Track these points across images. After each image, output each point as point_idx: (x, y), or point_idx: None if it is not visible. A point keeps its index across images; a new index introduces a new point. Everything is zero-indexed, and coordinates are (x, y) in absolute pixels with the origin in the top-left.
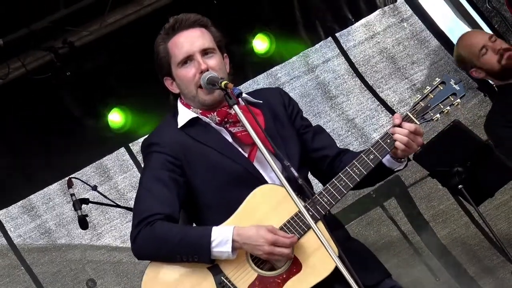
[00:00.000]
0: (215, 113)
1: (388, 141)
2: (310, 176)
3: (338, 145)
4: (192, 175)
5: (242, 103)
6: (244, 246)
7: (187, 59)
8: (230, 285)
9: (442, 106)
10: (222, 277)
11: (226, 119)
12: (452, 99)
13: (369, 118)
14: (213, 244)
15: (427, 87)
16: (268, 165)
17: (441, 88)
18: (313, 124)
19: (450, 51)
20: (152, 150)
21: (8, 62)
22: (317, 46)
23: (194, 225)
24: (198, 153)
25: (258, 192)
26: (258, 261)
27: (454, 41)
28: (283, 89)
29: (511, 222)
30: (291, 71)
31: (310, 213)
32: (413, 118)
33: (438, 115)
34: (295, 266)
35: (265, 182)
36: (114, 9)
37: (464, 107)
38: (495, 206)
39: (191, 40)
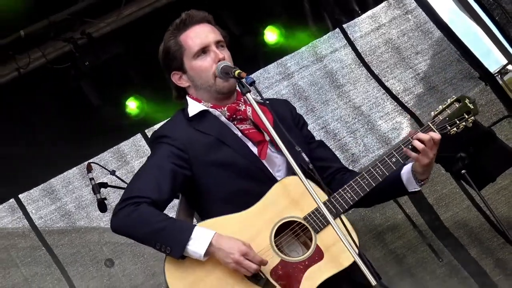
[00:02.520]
0: (225, 108)
1: (410, 146)
2: None
3: (344, 132)
4: (200, 168)
5: (254, 93)
6: (218, 251)
7: (203, 50)
8: None
9: (457, 122)
10: None
11: (234, 115)
12: (467, 117)
13: (375, 105)
14: (190, 242)
15: (444, 102)
16: (276, 163)
17: (457, 105)
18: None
19: (453, 41)
20: (161, 141)
21: (29, 53)
22: (325, 37)
23: (197, 215)
24: (208, 146)
25: (279, 185)
26: (281, 248)
27: (456, 32)
28: (293, 77)
29: (511, 206)
30: (300, 61)
31: (333, 207)
32: (433, 128)
33: (455, 129)
34: (317, 254)
35: (274, 178)
36: (130, 1)
37: (466, 95)
38: (496, 190)
39: (205, 33)
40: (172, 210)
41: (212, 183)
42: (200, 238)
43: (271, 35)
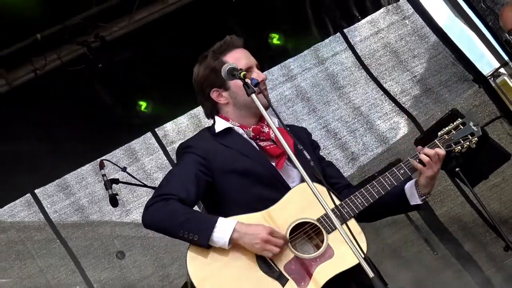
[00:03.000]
0: (250, 129)
1: (417, 160)
2: None
3: (345, 131)
4: (221, 175)
5: (275, 120)
6: (244, 236)
7: (247, 70)
8: (271, 262)
9: (462, 141)
10: None
11: (258, 136)
12: (471, 137)
13: (373, 106)
14: (215, 230)
15: (451, 124)
16: (291, 175)
17: (462, 127)
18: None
19: (448, 46)
20: (187, 151)
21: (45, 55)
22: (326, 41)
23: None
24: (229, 157)
25: (295, 190)
26: (294, 246)
27: (452, 37)
28: (296, 79)
29: (503, 202)
30: (302, 63)
31: (345, 210)
32: (439, 145)
33: (459, 147)
34: (328, 252)
35: (289, 187)
36: (141, 7)
37: (461, 97)
38: (489, 187)
39: (247, 56)
40: None
41: (231, 189)
42: (224, 226)
43: (275, 38)
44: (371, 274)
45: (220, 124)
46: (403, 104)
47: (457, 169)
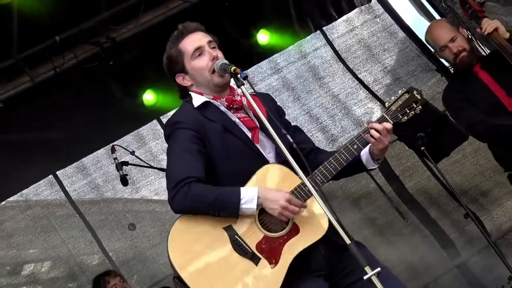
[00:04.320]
0: (223, 99)
1: (368, 135)
2: None
3: (325, 116)
4: (209, 147)
5: (247, 86)
6: (266, 202)
7: (199, 52)
8: (242, 242)
9: (408, 111)
10: (235, 236)
11: (231, 105)
12: (415, 105)
13: (350, 94)
14: (242, 202)
15: (396, 94)
16: (266, 146)
17: (407, 96)
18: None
19: (414, 41)
20: (178, 127)
21: (63, 54)
22: (308, 37)
23: None
24: (212, 130)
25: (263, 170)
26: (264, 225)
27: (417, 33)
28: (281, 72)
29: (463, 175)
30: (288, 58)
31: (318, 178)
32: (388, 118)
33: (405, 117)
34: (294, 230)
35: (265, 158)
36: (146, 11)
37: (426, 85)
38: (451, 163)
39: (198, 38)
40: None
41: (216, 159)
42: (248, 196)
43: (263, 36)
44: (348, 241)
45: (197, 99)
46: (376, 92)
47: (422, 147)
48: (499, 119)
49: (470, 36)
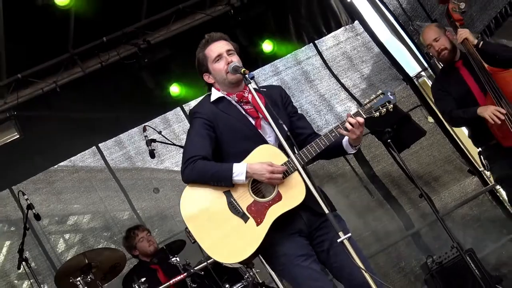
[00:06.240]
0: (235, 95)
1: (344, 126)
2: None
3: (313, 111)
4: (220, 133)
5: (253, 85)
6: (254, 175)
7: (219, 57)
8: (236, 204)
9: (381, 108)
10: (231, 198)
11: (241, 100)
12: (388, 104)
13: (333, 95)
14: (234, 175)
15: (373, 95)
16: (267, 132)
17: (381, 96)
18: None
19: (386, 55)
20: (195, 116)
21: (108, 52)
22: (303, 48)
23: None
24: (224, 119)
25: (258, 149)
26: (255, 192)
27: (390, 49)
28: (280, 74)
29: (419, 163)
30: (286, 64)
31: (303, 154)
32: (362, 113)
33: (377, 113)
34: (278, 196)
35: (266, 141)
36: (176, 21)
37: (393, 90)
38: (410, 153)
39: (220, 46)
40: None
41: (225, 143)
42: (238, 170)
43: (267, 46)
44: (326, 210)
45: (215, 94)
46: (354, 94)
47: (389, 140)
48: (459, 112)
49: (455, 37)
